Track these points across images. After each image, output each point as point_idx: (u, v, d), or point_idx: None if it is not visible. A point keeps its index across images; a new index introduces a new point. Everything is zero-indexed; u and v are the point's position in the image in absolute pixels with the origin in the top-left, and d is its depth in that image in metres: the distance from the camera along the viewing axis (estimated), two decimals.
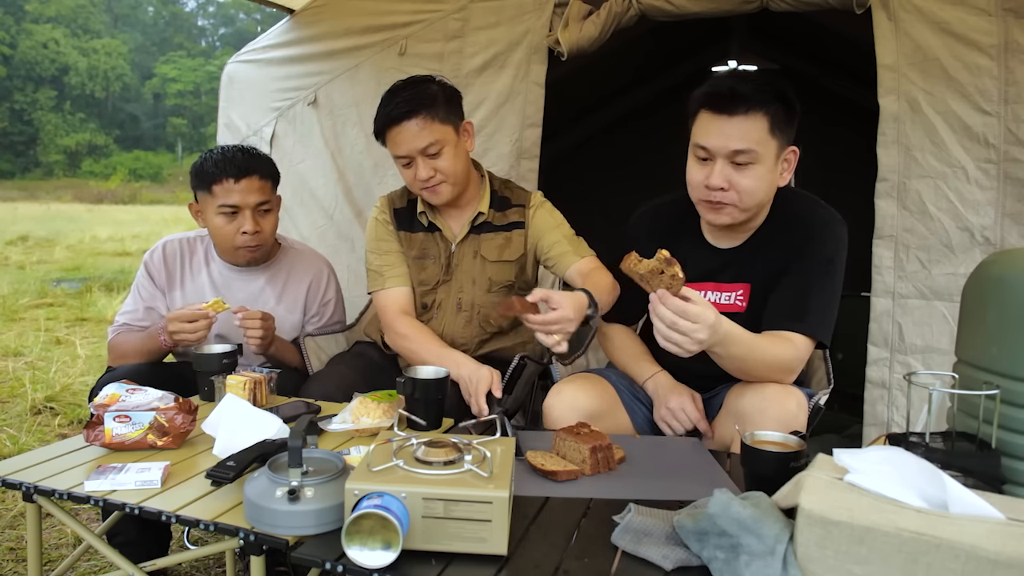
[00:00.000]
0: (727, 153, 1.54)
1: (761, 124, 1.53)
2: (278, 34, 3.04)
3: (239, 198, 1.98)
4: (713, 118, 1.55)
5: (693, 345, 1.32)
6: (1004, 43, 2.07)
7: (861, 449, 1.03)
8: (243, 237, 2.00)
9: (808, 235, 1.62)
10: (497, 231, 2.03)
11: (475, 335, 2.06)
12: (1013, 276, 1.10)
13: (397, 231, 2.08)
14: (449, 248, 2.04)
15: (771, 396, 1.50)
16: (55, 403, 3.64)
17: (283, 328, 2.14)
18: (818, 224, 1.64)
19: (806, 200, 1.70)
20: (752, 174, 1.55)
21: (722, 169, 1.55)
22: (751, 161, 1.54)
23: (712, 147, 1.55)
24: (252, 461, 1.30)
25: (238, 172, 1.97)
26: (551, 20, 2.63)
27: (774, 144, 1.56)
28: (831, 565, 0.87)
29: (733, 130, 1.53)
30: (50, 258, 10.46)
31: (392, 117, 1.89)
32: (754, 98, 1.52)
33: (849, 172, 3.64)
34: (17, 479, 1.29)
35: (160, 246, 2.15)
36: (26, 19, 37.99)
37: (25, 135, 36.07)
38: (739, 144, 1.53)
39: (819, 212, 1.66)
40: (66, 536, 2.25)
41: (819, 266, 1.60)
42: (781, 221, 1.67)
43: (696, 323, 1.30)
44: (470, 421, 1.59)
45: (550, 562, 1.03)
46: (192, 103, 40.93)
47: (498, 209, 2.04)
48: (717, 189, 1.56)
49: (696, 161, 1.61)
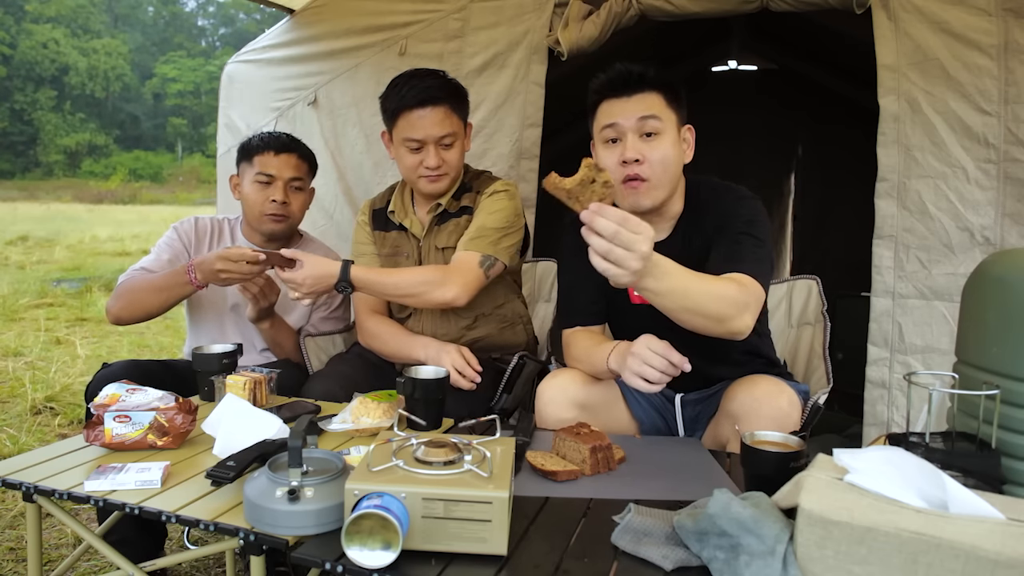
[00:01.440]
0: (635, 123, 1.62)
1: (657, 98, 1.64)
2: (278, 34, 3.04)
3: (275, 169, 2.14)
4: (615, 101, 1.66)
5: (634, 261, 1.18)
6: (1004, 43, 2.07)
7: (861, 449, 1.03)
8: (272, 205, 2.14)
9: (725, 211, 1.66)
10: (452, 218, 2.07)
11: (457, 324, 2.08)
12: (1013, 276, 1.09)
13: (373, 231, 2.16)
14: (417, 243, 2.10)
15: (761, 394, 1.51)
16: (55, 403, 3.65)
17: (293, 314, 2.23)
18: (732, 200, 1.68)
19: (716, 184, 1.75)
20: (660, 145, 1.62)
21: (633, 143, 1.62)
22: (657, 131, 1.62)
23: (620, 121, 1.63)
24: (252, 461, 1.30)
25: (279, 147, 2.16)
26: (551, 20, 2.63)
27: (673, 117, 1.66)
28: (831, 565, 0.87)
29: (636, 105, 1.63)
30: (50, 258, 10.46)
31: (419, 100, 1.93)
32: (646, 78, 1.65)
33: (849, 172, 3.65)
34: (17, 479, 1.29)
35: (192, 219, 2.27)
36: (26, 19, 38.00)
37: (25, 135, 36.08)
38: (644, 112, 1.62)
39: (730, 191, 1.71)
40: (66, 536, 2.25)
41: (741, 226, 1.62)
42: (700, 209, 1.71)
43: (638, 233, 1.18)
44: (470, 421, 1.59)
45: (550, 562, 1.03)
46: (192, 103, 40.96)
47: (455, 197, 2.07)
48: (632, 162, 1.61)
49: (605, 146, 1.67)
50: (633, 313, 1.73)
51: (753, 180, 1.68)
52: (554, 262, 2.43)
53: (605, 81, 1.68)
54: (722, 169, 2.10)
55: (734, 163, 4.16)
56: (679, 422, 1.77)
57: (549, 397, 1.66)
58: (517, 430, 1.54)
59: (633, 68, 1.65)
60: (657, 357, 1.43)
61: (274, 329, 2.14)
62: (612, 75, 1.67)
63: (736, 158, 4.50)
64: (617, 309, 1.78)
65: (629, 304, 1.74)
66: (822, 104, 4.73)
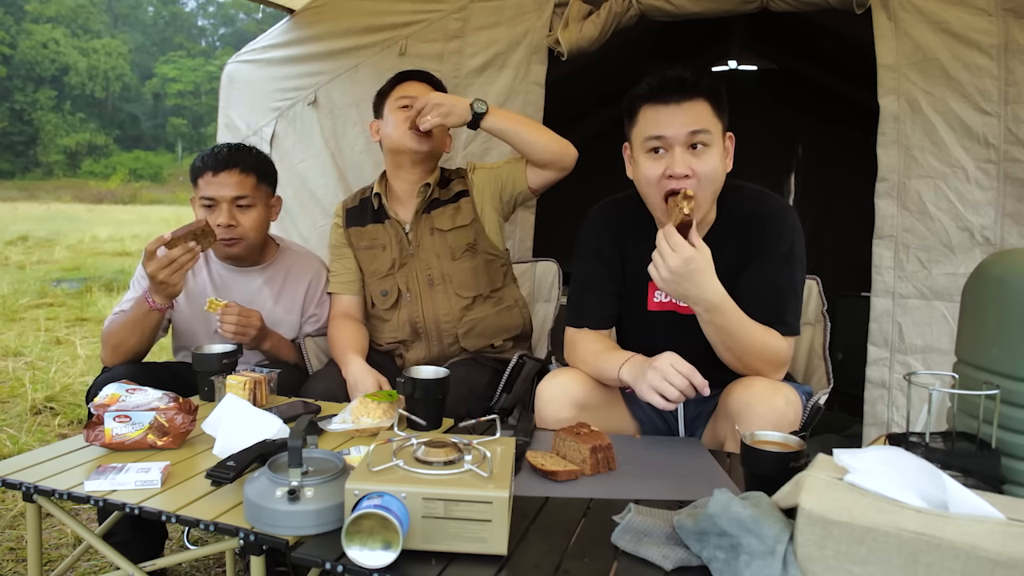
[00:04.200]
0: (684, 137, 1.54)
1: (706, 107, 1.56)
2: (278, 34, 3.04)
3: (215, 191, 2.01)
4: (662, 108, 1.56)
5: (664, 271, 1.42)
6: (1004, 43, 2.06)
7: (861, 449, 1.03)
8: (218, 230, 1.99)
9: (763, 229, 1.62)
10: (446, 204, 2.13)
11: (456, 305, 2.10)
12: (1013, 276, 1.09)
13: (347, 229, 2.18)
14: (402, 230, 2.13)
15: (759, 393, 1.49)
16: (55, 403, 3.64)
17: (281, 328, 2.15)
18: (771, 216, 1.63)
19: (754, 193, 1.69)
20: (709, 158, 1.55)
21: (682, 156, 1.54)
22: (707, 143, 1.55)
23: (669, 134, 1.54)
24: (252, 461, 1.30)
25: (216, 166, 2.01)
26: (551, 20, 2.63)
27: (720, 127, 1.59)
28: (831, 565, 0.87)
29: (684, 115, 1.54)
30: (50, 258, 10.45)
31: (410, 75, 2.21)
32: (696, 84, 1.55)
33: (849, 172, 3.65)
34: (17, 479, 1.29)
35: None
36: (26, 19, 37.98)
37: (25, 135, 36.07)
38: (695, 125, 1.54)
39: (769, 203, 1.66)
40: (66, 536, 2.25)
41: (781, 259, 1.61)
42: (733, 217, 1.66)
43: (674, 250, 1.40)
44: (470, 421, 1.59)
45: (550, 562, 1.03)
46: (192, 103, 40.95)
47: (443, 186, 2.17)
48: (681, 177, 1.53)
49: (648, 156, 1.59)
50: (647, 320, 1.72)
51: (753, 180, 1.67)
52: (554, 262, 2.43)
53: (653, 86, 1.57)
54: None
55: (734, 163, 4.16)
56: (680, 421, 1.77)
57: (549, 397, 1.65)
58: (517, 430, 1.54)
59: (684, 75, 1.55)
60: (680, 377, 1.43)
61: (274, 349, 2.10)
62: (660, 80, 1.56)
63: (736, 158, 4.50)
64: (631, 314, 1.77)
65: (645, 311, 1.73)
66: (822, 104, 4.73)
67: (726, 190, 1.65)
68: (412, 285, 2.10)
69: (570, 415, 1.61)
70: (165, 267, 1.79)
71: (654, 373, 1.45)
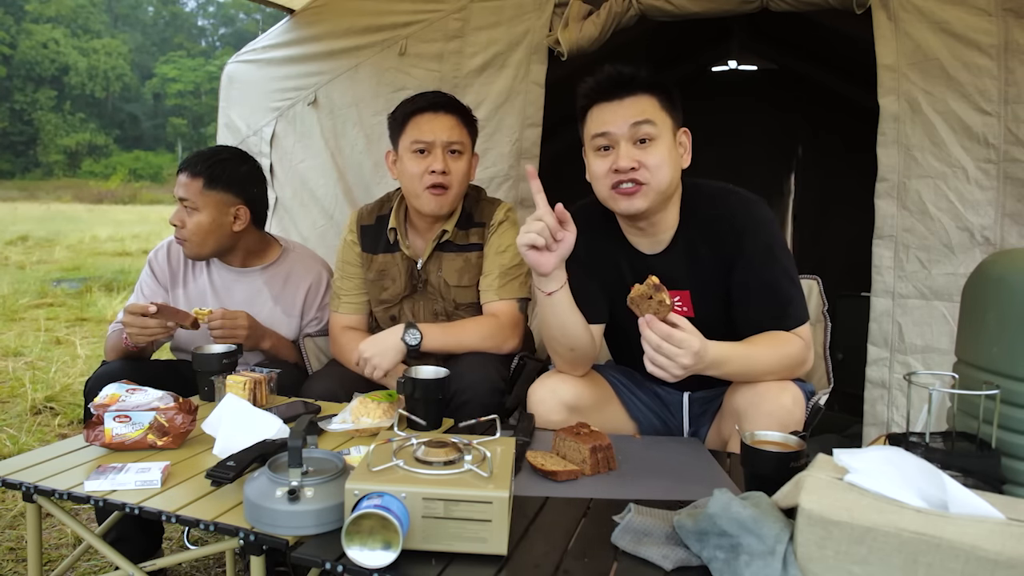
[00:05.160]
0: (628, 130, 1.54)
1: (651, 101, 1.56)
2: (278, 34, 3.04)
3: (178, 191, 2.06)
4: (606, 106, 1.57)
5: (678, 369, 1.35)
6: (1004, 43, 2.06)
7: (861, 449, 1.03)
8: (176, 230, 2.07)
9: (733, 229, 1.59)
10: (458, 251, 2.02)
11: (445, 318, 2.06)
12: (1013, 276, 1.10)
13: (361, 252, 2.10)
14: (412, 266, 2.04)
15: (764, 391, 1.49)
16: (55, 403, 3.64)
17: (280, 330, 2.15)
18: (739, 215, 1.60)
19: (716, 191, 1.66)
20: (655, 150, 1.55)
21: (627, 150, 1.54)
22: (652, 136, 1.55)
23: (613, 130, 1.55)
24: (252, 461, 1.30)
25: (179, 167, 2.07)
26: (551, 20, 2.63)
27: (669, 121, 1.58)
28: (831, 565, 0.87)
29: (627, 110, 1.55)
30: (50, 258, 10.46)
31: (430, 104, 1.95)
32: (638, 80, 1.56)
33: (849, 172, 3.65)
34: (17, 479, 1.29)
35: (165, 245, 2.18)
36: (26, 19, 38.01)
37: (25, 135, 36.10)
38: (637, 117, 1.54)
39: (731, 201, 1.63)
40: (66, 536, 2.25)
41: (763, 255, 1.58)
42: (698, 219, 1.64)
43: (680, 348, 1.33)
44: (470, 421, 1.59)
45: (550, 562, 1.03)
46: (192, 103, 40.98)
47: (462, 228, 2.03)
48: (627, 170, 1.54)
49: (597, 154, 1.59)
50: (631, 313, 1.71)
51: (753, 180, 1.66)
52: None
53: (594, 85, 1.59)
54: (722, 169, 2.09)
55: (734, 163, 4.15)
56: (685, 419, 1.76)
57: (539, 398, 1.65)
58: (517, 430, 1.54)
59: (624, 70, 1.56)
60: (535, 223, 1.47)
61: (274, 349, 2.10)
62: (601, 78, 1.58)
63: (736, 158, 4.49)
64: (613, 311, 1.75)
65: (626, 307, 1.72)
66: (822, 104, 4.73)
67: (687, 189, 1.65)
68: (418, 314, 2.06)
69: (560, 417, 1.61)
70: (139, 326, 1.86)
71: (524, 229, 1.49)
